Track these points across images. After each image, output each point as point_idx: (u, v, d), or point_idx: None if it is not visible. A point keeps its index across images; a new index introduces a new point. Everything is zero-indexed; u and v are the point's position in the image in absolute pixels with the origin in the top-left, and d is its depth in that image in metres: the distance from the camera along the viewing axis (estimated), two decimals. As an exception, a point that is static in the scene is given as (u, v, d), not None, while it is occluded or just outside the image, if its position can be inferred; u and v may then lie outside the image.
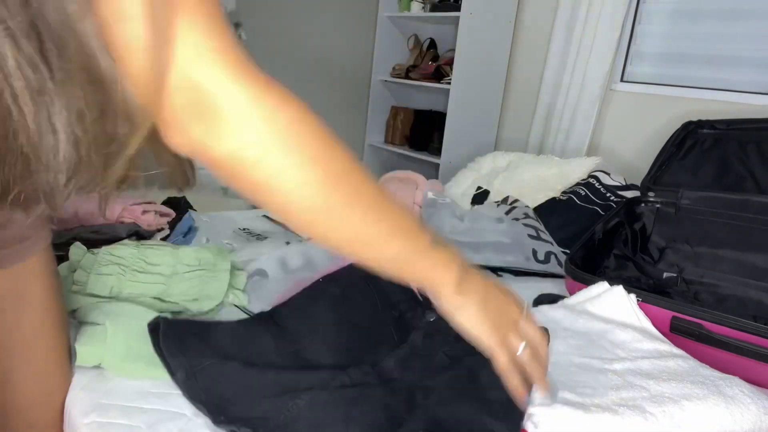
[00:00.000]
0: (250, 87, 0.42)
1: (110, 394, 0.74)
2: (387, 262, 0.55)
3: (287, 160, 0.44)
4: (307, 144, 0.45)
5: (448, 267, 0.58)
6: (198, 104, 0.40)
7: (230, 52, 0.42)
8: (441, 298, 0.60)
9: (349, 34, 3.14)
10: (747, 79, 1.97)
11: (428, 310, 0.88)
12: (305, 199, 0.45)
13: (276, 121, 0.43)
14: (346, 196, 0.48)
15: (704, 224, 1.39)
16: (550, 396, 0.71)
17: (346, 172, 0.48)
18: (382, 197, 0.51)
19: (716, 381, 0.77)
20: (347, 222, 0.48)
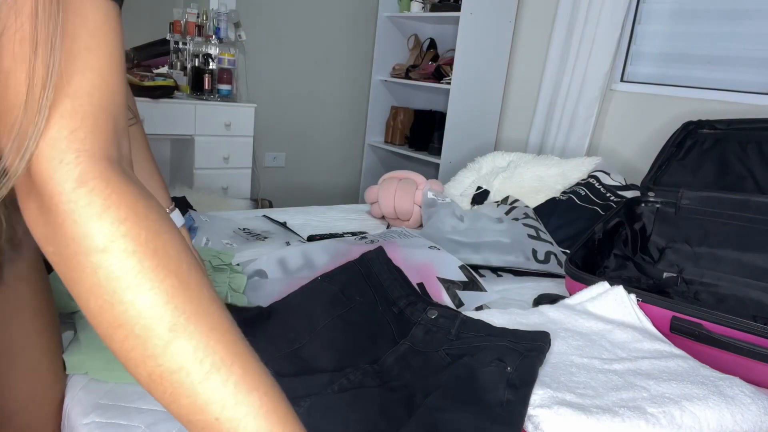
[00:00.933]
0: (96, 198, 0.37)
1: (110, 394, 0.74)
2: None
3: (134, 281, 0.37)
4: (156, 275, 0.38)
5: None
6: (39, 198, 0.37)
7: (90, 156, 0.38)
8: None
9: (349, 34, 3.15)
10: (747, 79, 1.97)
11: (429, 307, 0.88)
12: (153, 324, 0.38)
13: (116, 239, 0.37)
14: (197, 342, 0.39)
15: (704, 224, 1.39)
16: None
17: (204, 312, 0.39)
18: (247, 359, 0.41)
19: (716, 381, 0.77)
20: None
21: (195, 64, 2.57)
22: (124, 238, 0.37)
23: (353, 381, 0.74)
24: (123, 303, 0.37)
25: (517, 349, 0.78)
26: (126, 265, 0.37)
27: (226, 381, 0.39)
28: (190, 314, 0.38)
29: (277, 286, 1.01)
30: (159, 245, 0.39)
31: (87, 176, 0.37)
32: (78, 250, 0.37)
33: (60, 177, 0.36)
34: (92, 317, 0.39)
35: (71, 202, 0.36)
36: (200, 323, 0.39)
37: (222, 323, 0.40)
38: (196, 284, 0.40)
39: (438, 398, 0.70)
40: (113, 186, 0.38)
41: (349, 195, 3.42)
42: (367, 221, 1.72)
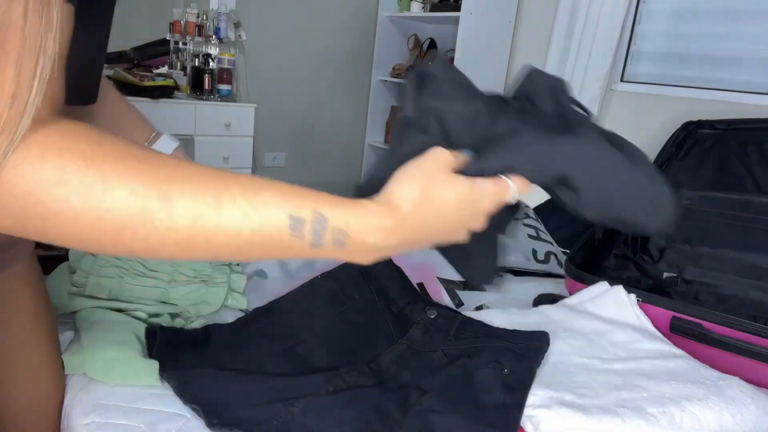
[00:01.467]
0: (32, 145, 0.37)
1: (110, 394, 0.74)
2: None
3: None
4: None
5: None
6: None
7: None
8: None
9: (349, 34, 3.14)
10: (747, 79, 1.97)
11: (428, 306, 0.88)
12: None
13: (66, 165, 0.37)
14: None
15: (704, 224, 1.39)
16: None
17: (175, 168, 0.41)
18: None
19: (716, 381, 0.77)
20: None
21: (195, 64, 2.56)
22: (73, 161, 0.37)
23: (349, 381, 0.74)
24: (109, 208, 0.37)
25: (514, 350, 0.78)
26: (88, 178, 0.37)
27: (234, 201, 0.40)
28: (165, 178, 0.39)
29: (277, 286, 1.01)
30: (107, 149, 0.38)
31: (25, 142, 0.36)
32: (39, 198, 0.36)
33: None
34: (92, 241, 0.39)
35: (13, 165, 0.36)
36: (177, 177, 0.40)
37: (189, 166, 0.42)
38: (153, 156, 0.41)
39: (433, 400, 0.70)
40: (43, 131, 0.37)
41: (349, 195, 3.41)
42: (367, 221, 1.72)
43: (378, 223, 0.45)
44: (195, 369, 0.75)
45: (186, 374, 0.74)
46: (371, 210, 0.45)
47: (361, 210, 0.45)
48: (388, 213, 0.46)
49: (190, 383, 0.73)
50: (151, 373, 0.75)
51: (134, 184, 0.38)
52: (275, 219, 0.41)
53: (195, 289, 0.94)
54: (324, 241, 0.43)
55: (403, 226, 0.46)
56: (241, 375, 0.74)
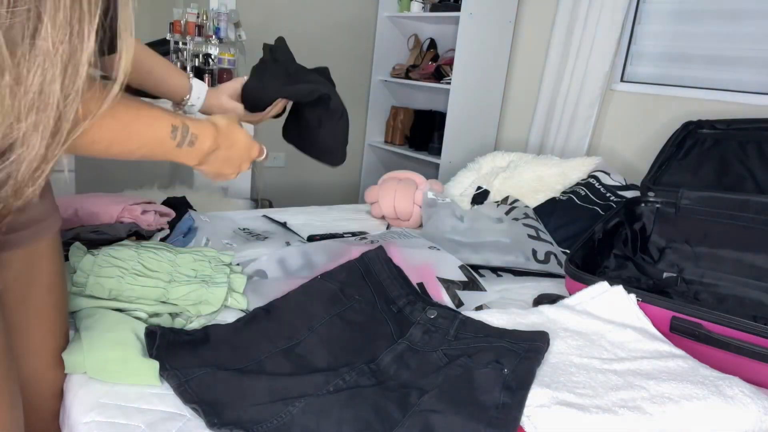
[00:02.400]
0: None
1: (110, 393, 0.74)
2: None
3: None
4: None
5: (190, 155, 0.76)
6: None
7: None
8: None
9: (349, 34, 3.15)
10: (747, 79, 1.97)
11: (428, 306, 0.88)
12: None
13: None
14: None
15: (704, 224, 1.39)
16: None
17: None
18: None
19: (716, 381, 0.77)
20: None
21: (195, 64, 2.56)
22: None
23: (348, 381, 0.74)
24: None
25: (514, 350, 0.78)
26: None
27: (145, 112, 0.68)
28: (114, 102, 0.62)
29: (277, 286, 1.01)
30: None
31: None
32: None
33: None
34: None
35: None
36: (120, 102, 0.63)
37: (124, 96, 0.64)
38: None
39: (433, 399, 0.70)
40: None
41: (349, 195, 3.41)
42: (367, 221, 1.72)
43: (212, 132, 0.77)
44: (195, 369, 0.75)
45: (186, 374, 0.74)
46: (207, 125, 0.77)
47: (204, 124, 0.76)
48: (215, 128, 0.78)
49: (190, 383, 0.73)
50: (151, 373, 0.75)
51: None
52: (163, 124, 0.70)
53: (195, 289, 0.94)
54: (184, 142, 0.73)
55: (219, 139, 0.78)
56: (241, 375, 0.74)
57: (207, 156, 0.78)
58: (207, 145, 0.76)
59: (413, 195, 1.68)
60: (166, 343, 0.79)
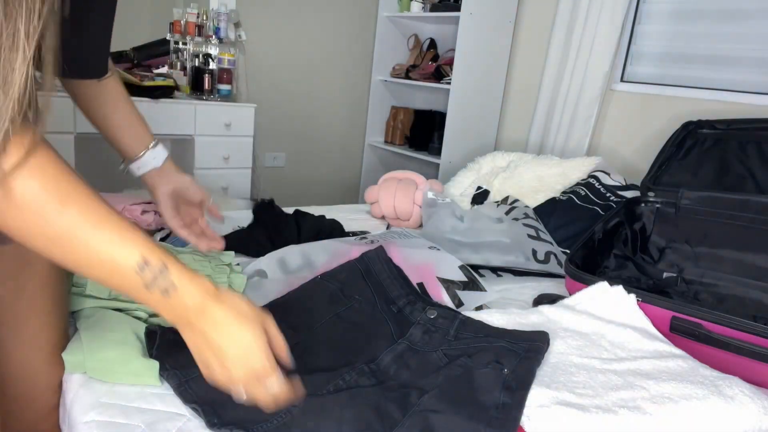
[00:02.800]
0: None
1: (110, 393, 0.74)
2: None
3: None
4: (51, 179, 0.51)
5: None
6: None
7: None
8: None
9: (349, 34, 3.15)
10: (747, 79, 1.97)
11: (428, 306, 0.88)
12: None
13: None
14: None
15: (704, 224, 1.39)
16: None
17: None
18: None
19: (716, 381, 0.77)
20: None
21: (195, 64, 2.57)
22: (16, 148, 0.48)
23: (348, 381, 0.74)
24: (18, 188, 0.49)
25: (514, 350, 0.78)
26: (15, 162, 0.48)
27: (111, 228, 0.53)
28: (71, 191, 0.51)
29: (277, 286, 1.01)
30: (37, 150, 0.50)
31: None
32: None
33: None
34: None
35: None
36: (79, 196, 0.52)
37: (91, 195, 0.53)
38: (66, 172, 0.52)
39: (433, 399, 0.70)
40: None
41: (349, 195, 3.42)
42: (367, 221, 1.72)
43: (201, 292, 0.56)
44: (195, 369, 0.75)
45: (186, 374, 0.74)
46: (200, 283, 0.56)
47: (196, 280, 0.56)
48: (211, 296, 0.57)
49: (190, 383, 0.73)
50: (152, 373, 0.75)
51: (44, 183, 0.50)
52: (131, 254, 0.53)
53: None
54: (156, 286, 0.54)
55: (209, 312, 0.56)
56: None
57: (185, 324, 0.57)
58: (187, 305, 0.55)
59: (413, 195, 1.68)
60: (167, 342, 0.79)
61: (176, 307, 0.55)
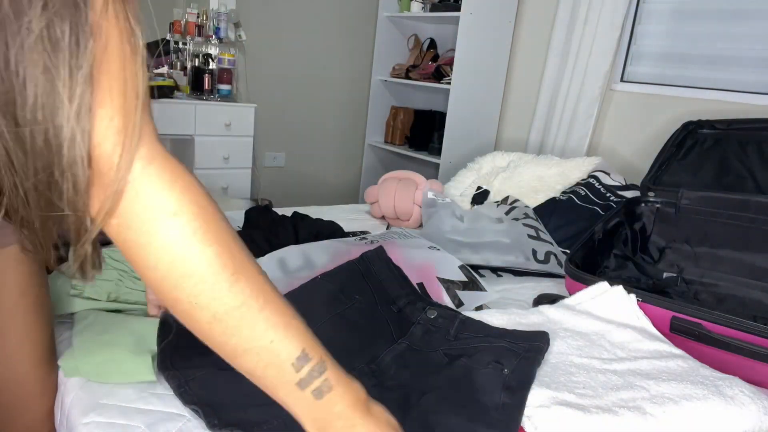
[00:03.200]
0: (164, 172, 0.45)
1: (110, 394, 0.74)
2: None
3: (197, 248, 0.45)
4: (213, 231, 0.46)
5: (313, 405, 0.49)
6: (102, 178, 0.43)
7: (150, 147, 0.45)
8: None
9: (349, 34, 3.15)
10: (747, 79, 1.97)
11: (429, 306, 0.88)
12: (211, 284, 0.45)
13: (186, 204, 0.45)
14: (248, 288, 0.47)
15: (704, 224, 1.39)
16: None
17: (248, 262, 0.48)
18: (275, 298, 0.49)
19: (716, 381, 0.77)
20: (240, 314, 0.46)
21: (195, 64, 2.57)
22: (191, 204, 0.45)
23: None
24: (194, 255, 0.44)
25: (515, 350, 0.78)
26: (194, 225, 0.45)
27: (276, 311, 0.48)
28: (243, 262, 0.47)
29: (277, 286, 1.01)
30: (210, 211, 0.47)
31: (151, 155, 0.44)
32: (152, 216, 0.44)
33: (127, 157, 0.42)
34: (160, 275, 0.45)
35: (144, 176, 0.43)
36: (250, 270, 0.47)
37: (260, 272, 0.49)
38: (238, 240, 0.49)
39: (433, 400, 0.70)
40: (172, 162, 0.46)
41: (349, 195, 3.42)
42: (367, 221, 1.72)
43: (353, 401, 0.50)
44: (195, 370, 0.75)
45: (186, 375, 0.74)
46: (355, 389, 0.52)
47: (349, 385, 0.51)
48: (361, 407, 0.51)
49: (190, 384, 0.73)
50: (145, 370, 0.75)
51: (223, 250, 0.46)
52: (292, 345, 0.48)
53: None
54: (311, 385, 0.48)
55: (357, 428, 0.50)
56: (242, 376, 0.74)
57: (325, 428, 0.50)
58: (336, 412, 0.50)
59: (413, 195, 1.68)
60: (178, 337, 0.78)
61: (323, 410, 0.49)
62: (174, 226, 0.44)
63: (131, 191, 0.43)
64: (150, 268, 0.45)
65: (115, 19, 0.41)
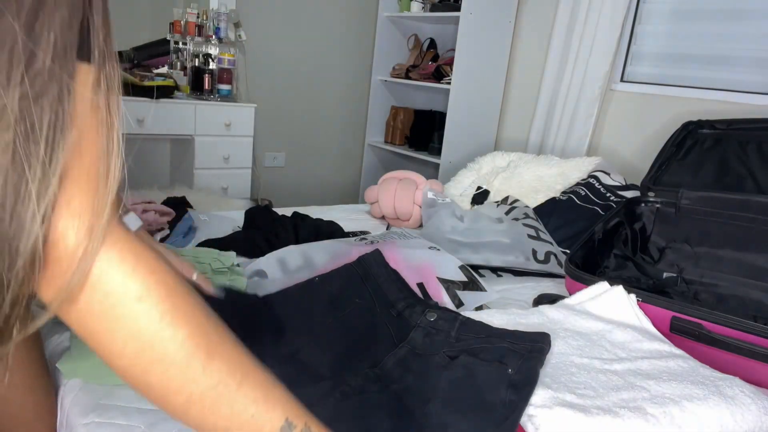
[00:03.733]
0: (127, 255, 0.42)
1: (110, 394, 0.74)
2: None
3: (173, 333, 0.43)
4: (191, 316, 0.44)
5: None
6: (59, 265, 0.40)
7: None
8: None
9: (349, 34, 3.15)
10: (747, 79, 1.97)
11: (428, 309, 0.87)
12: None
13: (151, 288, 0.43)
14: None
15: (704, 224, 1.39)
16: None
17: (223, 337, 0.46)
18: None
19: (716, 381, 0.77)
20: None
21: (195, 64, 2.57)
22: (157, 286, 0.42)
23: (354, 387, 0.73)
24: (163, 340, 0.42)
25: (517, 350, 0.78)
26: (162, 308, 0.42)
27: (255, 385, 0.46)
28: (217, 341, 0.45)
29: (276, 286, 1.01)
30: (179, 291, 0.44)
31: (113, 239, 0.41)
32: (115, 302, 0.41)
33: (91, 253, 0.40)
34: (128, 362, 0.42)
35: (104, 261, 0.40)
36: (225, 347, 0.45)
37: (236, 345, 0.47)
38: (211, 316, 0.46)
39: (440, 405, 0.70)
40: (134, 244, 0.43)
41: (349, 195, 3.42)
42: (367, 221, 1.72)
43: None
44: None
45: None
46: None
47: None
48: None
49: None
50: None
51: (195, 331, 0.43)
52: (275, 415, 0.46)
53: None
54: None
55: None
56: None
57: None
58: None
59: (413, 195, 1.68)
60: None
61: None
62: (140, 312, 0.42)
63: (94, 276, 0.40)
64: (116, 356, 0.42)
65: (96, 110, 0.39)
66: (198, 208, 1.53)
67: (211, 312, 0.47)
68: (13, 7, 0.34)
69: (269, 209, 1.49)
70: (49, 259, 0.38)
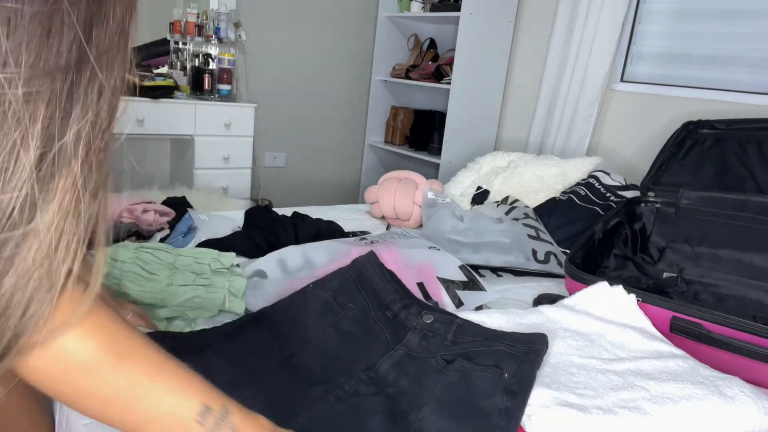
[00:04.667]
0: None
1: (109, 394, 0.73)
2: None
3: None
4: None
5: None
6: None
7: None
8: None
9: (349, 34, 3.15)
10: (747, 79, 1.97)
11: (425, 311, 0.87)
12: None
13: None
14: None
15: (704, 224, 1.39)
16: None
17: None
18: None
19: (716, 381, 0.77)
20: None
21: (195, 64, 2.57)
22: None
23: (348, 391, 0.73)
24: (72, 351, 0.45)
25: (514, 353, 0.78)
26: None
27: (169, 377, 0.49)
28: (127, 343, 0.48)
29: (276, 286, 1.01)
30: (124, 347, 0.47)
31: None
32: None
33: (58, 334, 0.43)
34: (40, 375, 0.45)
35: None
36: (135, 347, 0.48)
37: (148, 345, 0.50)
38: (119, 321, 0.49)
39: (435, 410, 0.69)
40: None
41: (349, 195, 3.42)
42: (367, 221, 1.72)
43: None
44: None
45: None
46: (260, 424, 0.53)
47: (255, 421, 0.53)
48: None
49: None
50: None
51: (100, 340, 0.46)
52: (192, 403, 0.49)
53: (193, 297, 0.94)
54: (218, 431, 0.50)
55: None
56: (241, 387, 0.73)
57: None
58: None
59: (413, 195, 1.68)
60: (166, 349, 0.78)
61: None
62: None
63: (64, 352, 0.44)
64: (29, 371, 0.44)
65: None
66: (198, 208, 1.52)
67: (118, 318, 0.48)
68: None
69: (269, 209, 1.49)
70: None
